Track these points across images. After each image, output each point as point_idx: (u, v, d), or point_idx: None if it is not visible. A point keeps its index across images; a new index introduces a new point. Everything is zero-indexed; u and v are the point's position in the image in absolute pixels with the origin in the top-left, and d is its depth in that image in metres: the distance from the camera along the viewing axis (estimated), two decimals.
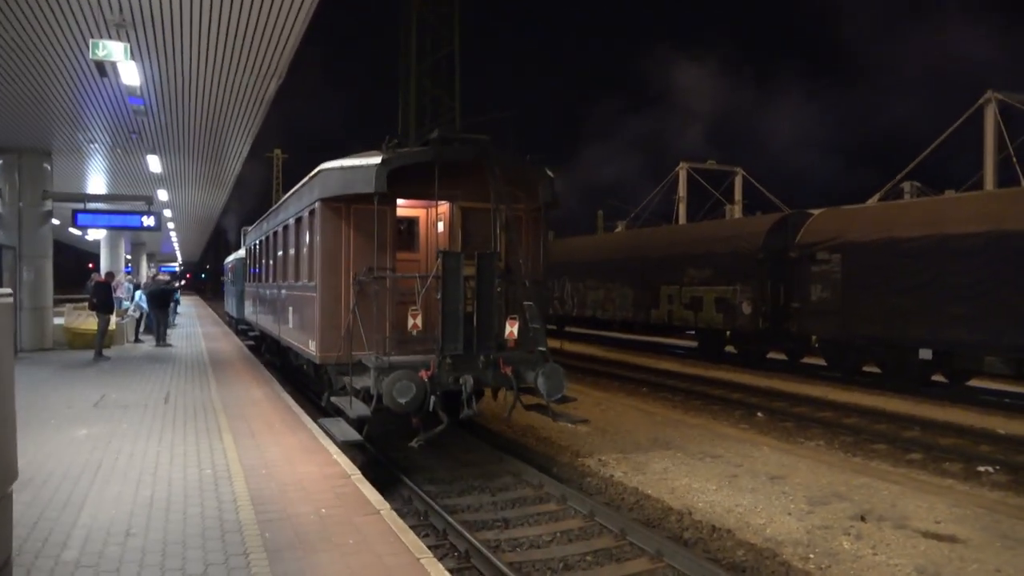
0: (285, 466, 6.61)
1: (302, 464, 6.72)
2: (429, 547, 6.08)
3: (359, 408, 8.03)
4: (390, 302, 8.40)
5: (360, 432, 7.97)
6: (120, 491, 5.72)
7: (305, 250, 10.16)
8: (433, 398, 7.69)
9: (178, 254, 59.28)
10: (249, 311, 19.60)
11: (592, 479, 8.52)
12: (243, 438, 7.77)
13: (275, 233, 13.31)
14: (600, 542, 6.45)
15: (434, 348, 8.08)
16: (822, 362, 17.61)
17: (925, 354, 14.21)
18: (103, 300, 16.04)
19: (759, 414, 12.72)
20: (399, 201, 9.02)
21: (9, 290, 3.85)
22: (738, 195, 39.77)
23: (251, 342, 20.55)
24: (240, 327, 23.78)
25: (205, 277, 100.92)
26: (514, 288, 8.83)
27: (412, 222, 10.17)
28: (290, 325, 11.41)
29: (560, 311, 27.50)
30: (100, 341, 15.77)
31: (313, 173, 9.42)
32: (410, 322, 8.04)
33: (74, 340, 17.48)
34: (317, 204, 9.00)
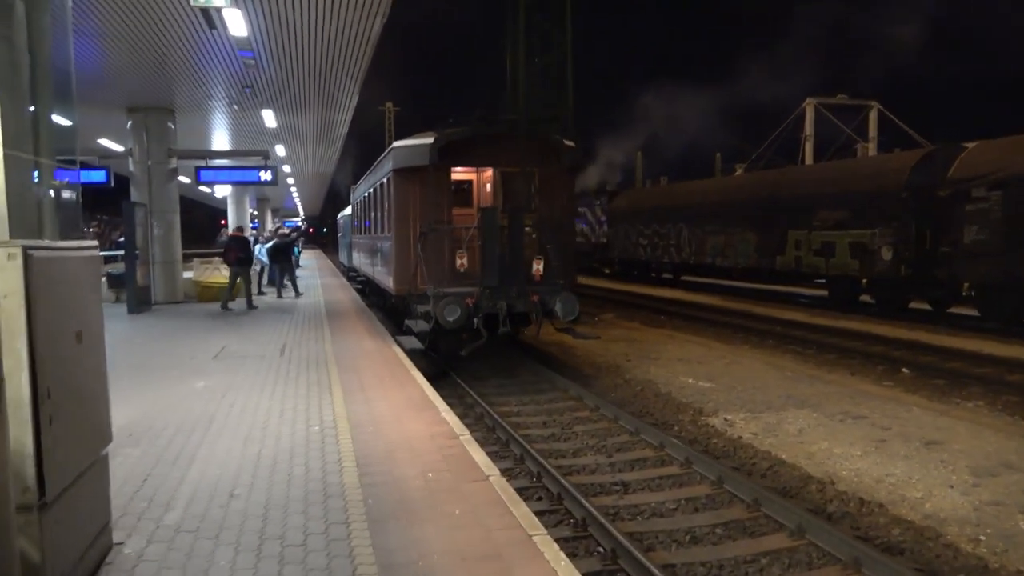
0: (393, 424, 6.36)
1: (410, 422, 6.45)
2: (541, 512, 5.73)
3: (422, 326, 10.45)
4: (446, 247, 10.95)
5: (423, 344, 10.42)
6: (229, 446, 5.63)
7: (385, 209, 12.81)
8: (476, 319, 10.11)
9: (300, 208, 61.72)
10: (356, 260, 22.63)
11: (718, 440, 7.84)
12: (352, 392, 7.62)
13: (367, 195, 16.52)
14: (730, 513, 5.82)
15: (477, 281, 10.34)
16: (974, 312, 15.86)
17: None
18: (244, 253, 16.52)
19: (904, 370, 11.51)
20: (456, 168, 11.52)
21: (95, 242, 3.64)
22: (872, 131, 36.60)
23: (359, 286, 22.63)
24: (351, 274, 26.61)
25: (326, 231, 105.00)
26: (543, 234, 11.02)
27: (467, 184, 12.48)
28: (379, 267, 14.50)
29: (677, 259, 26.37)
30: (229, 294, 16.35)
31: (388, 150, 12.29)
32: (457, 262, 10.71)
33: (203, 293, 18.28)
34: (391, 174, 11.64)
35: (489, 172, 11.92)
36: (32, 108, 4.47)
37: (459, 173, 11.97)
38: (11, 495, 2.38)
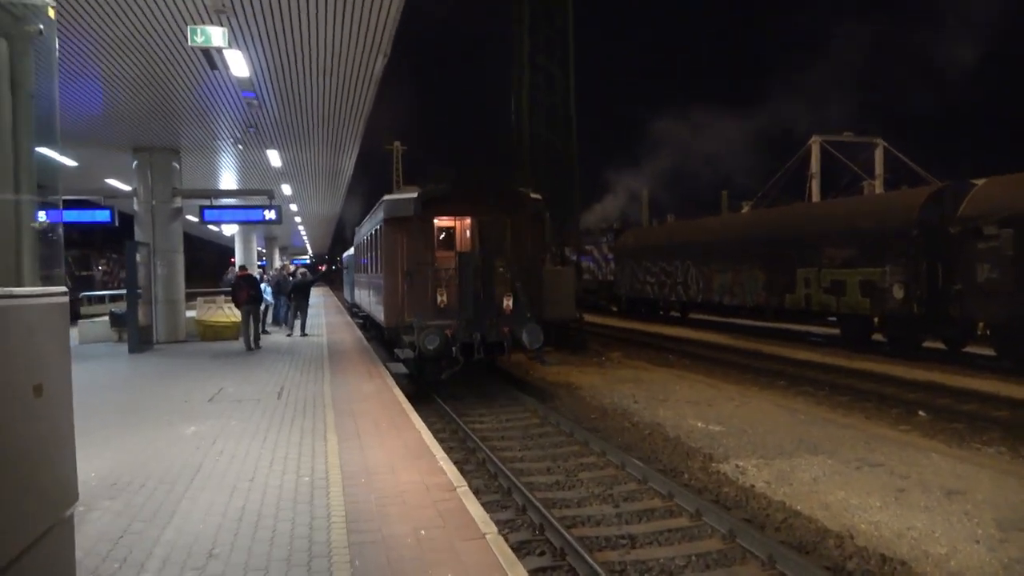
0: (387, 474, 6.07)
1: (405, 472, 6.15)
2: (544, 569, 5.40)
3: (408, 353, 11.83)
4: (429, 285, 12.36)
5: (409, 369, 12.10)
6: (212, 500, 5.35)
7: (377, 252, 14.41)
8: (455, 347, 11.45)
9: (308, 246, 61.89)
10: (357, 296, 24.65)
11: (729, 489, 7.50)
12: (348, 439, 7.34)
13: (365, 239, 18.36)
14: (744, 571, 5.48)
15: (456, 315, 11.72)
16: (990, 351, 15.47)
17: None
18: (254, 291, 16.33)
19: (921, 412, 11.14)
20: (440, 217, 12.96)
21: (64, 288, 3.42)
22: (879, 168, 36.48)
23: (360, 321, 24.10)
24: (353, 310, 28.63)
25: (335, 268, 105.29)
26: (513, 274, 12.31)
27: (450, 230, 13.50)
28: (374, 303, 16.18)
29: (684, 297, 26.07)
30: (248, 333, 15.98)
31: (379, 202, 13.91)
32: (439, 298, 12.23)
33: (205, 332, 18.09)
34: (382, 223, 13.22)
35: (468, 220, 13.17)
36: (12, 147, 4.33)
37: (443, 221, 13.26)
38: None
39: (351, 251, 28.86)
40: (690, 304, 26.59)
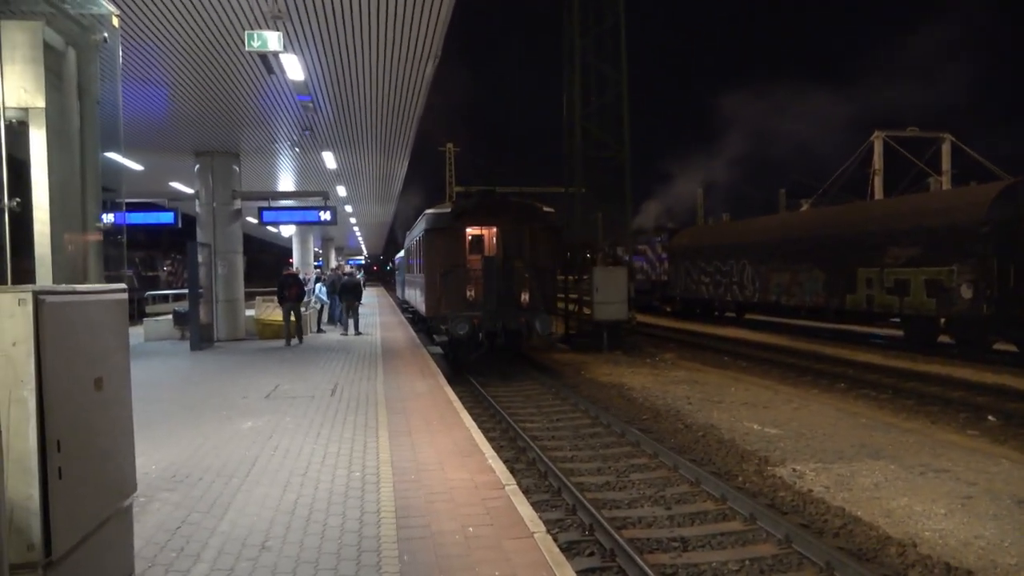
0: (436, 471, 6.11)
1: (454, 469, 6.18)
2: (592, 570, 5.36)
3: (443, 338, 15.29)
4: (461, 283, 14.89)
5: (444, 351, 15.89)
6: (267, 494, 5.46)
7: (420, 256, 17.32)
8: (480, 333, 14.11)
9: (363, 247, 62.92)
10: (406, 294, 27.50)
11: (786, 494, 7.29)
12: (399, 436, 7.41)
13: (411, 245, 22.08)
14: None
15: (482, 307, 14.14)
16: None
17: None
18: (298, 289, 17.30)
19: (991, 417, 10.67)
20: (471, 226, 15.28)
21: (123, 285, 3.54)
22: (946, 164, 35.12)
23: (410, 316, 26.83)
24: (404, 305, 31.84)
25: (389, 269, 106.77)
26: (529, 274, 14.76)
27: (479, 238, 15.49)
28: (417, 297, 19.14)
29: (740, 297, 25.57)
30: (290, 330, 17.01)
31: (421, 215, 17.13)
32: (468, 293, 14.76)
33: (263, 330, 18.54)
34: (423, 232, 16.19)
35: (493, 229, 15.27)
36: (79, 151, 4.50)
37: (473, 230, 15.39)
38: (3, 555, 2.22)
39: (401, 254, 33.19)
40: (746, 304, 26.06)
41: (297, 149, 17.27)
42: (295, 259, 34.24)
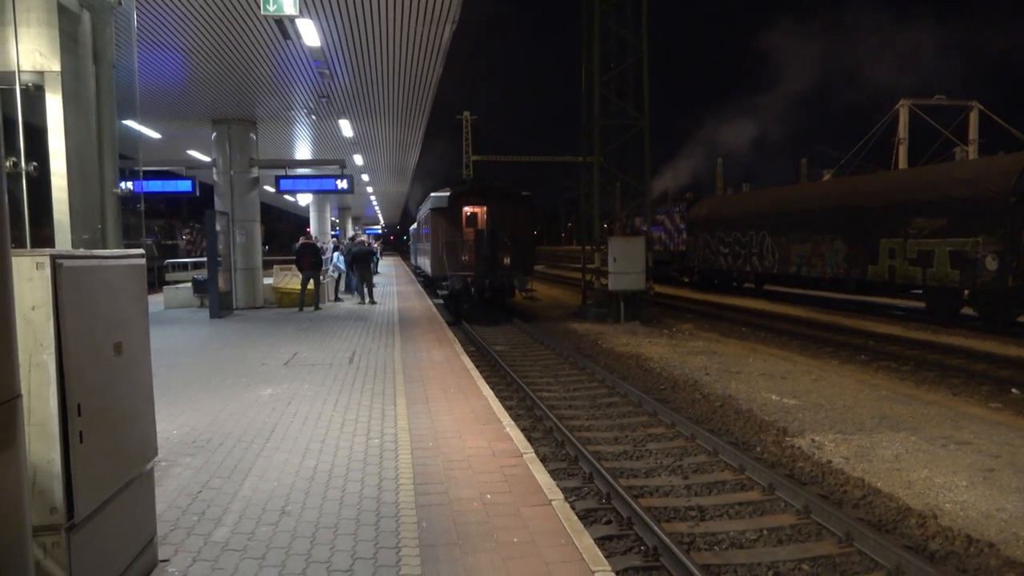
0: (454, 439, 6.13)
1: (472, 437, 6.20)
2: (610, 538, 5.36)
3: (443, 292, 20.32)
4: (457, 250, 19.47)
5: (445, 302, 21.06)
6: (287, 459, 5.51)
7: (427, 229, 22.09)
8: (472, 288, 18.41)
9: (380, 217, 62.89)
10: (418, 260, 34.14)
11: (804, 464, 7.26)
12: (416, 404, 7.44)
13: (420, 220, 28.74)
14: (819, 547, 5.30)
15: (474, 269, 18.48)
16: None
17: None
18: (314, 258, 17.85)
19: (1014, 390, 10.53)
20: (466, 206, 19.70)
21: (141, 251, 3.53)
22: (973, 133, 34.36)
23: (421, 279, 30.58)
24: (416, 271, 37.40)
25: (406, 238, 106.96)
26: (511, 242, 19.02)
27: (473, 215, 19.75)
28: (425, 261, 24.52)
29: (759, 268, 25.33)
30: (317, 295, 18.09)
31: (427, 197, 22.23)
32: (463, 258, 19.24)
33: (282, 299, 18.65)
34: (429, 210, 20.68)
35: (484, 208, 19.68)
36: (95, 116, 4.45)
37: (470, 208, 19.78)
38: (26, 517, 2.23)
39: (413, 227, 40.95)
40: (765, 275, 25.84)
41: (314, 117, 17.17)
42: (312, 228, 34.35)
